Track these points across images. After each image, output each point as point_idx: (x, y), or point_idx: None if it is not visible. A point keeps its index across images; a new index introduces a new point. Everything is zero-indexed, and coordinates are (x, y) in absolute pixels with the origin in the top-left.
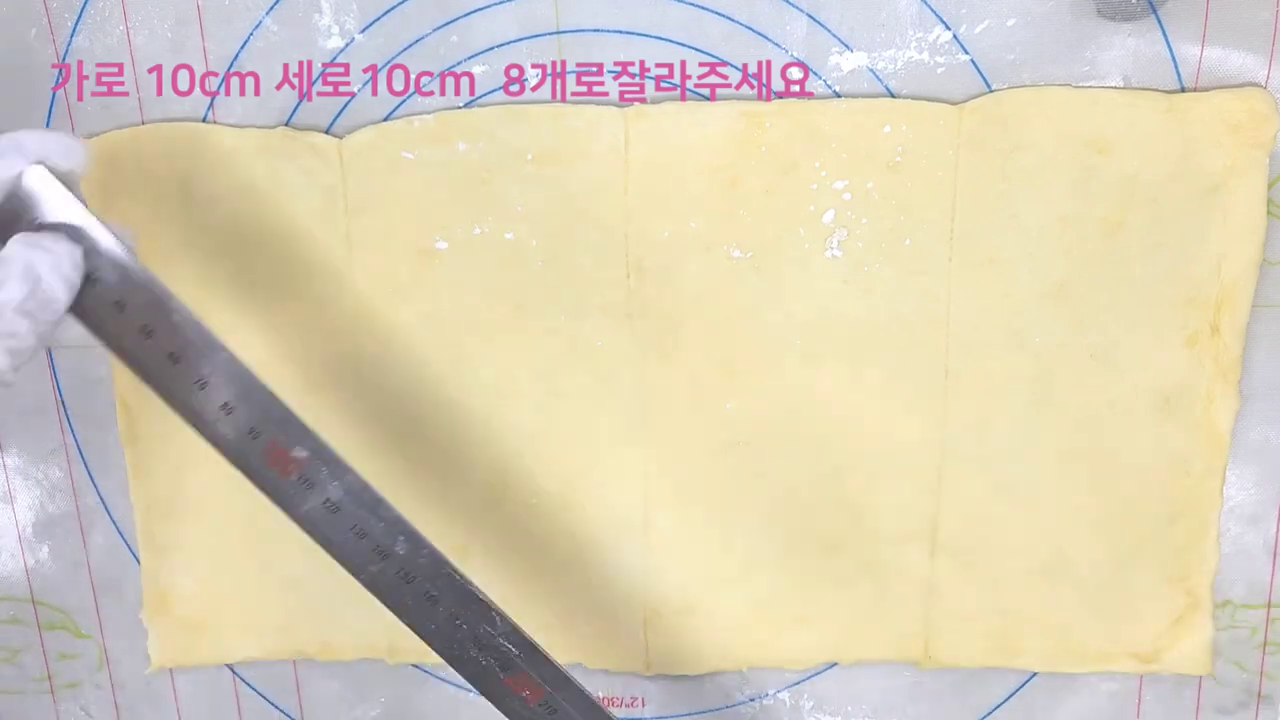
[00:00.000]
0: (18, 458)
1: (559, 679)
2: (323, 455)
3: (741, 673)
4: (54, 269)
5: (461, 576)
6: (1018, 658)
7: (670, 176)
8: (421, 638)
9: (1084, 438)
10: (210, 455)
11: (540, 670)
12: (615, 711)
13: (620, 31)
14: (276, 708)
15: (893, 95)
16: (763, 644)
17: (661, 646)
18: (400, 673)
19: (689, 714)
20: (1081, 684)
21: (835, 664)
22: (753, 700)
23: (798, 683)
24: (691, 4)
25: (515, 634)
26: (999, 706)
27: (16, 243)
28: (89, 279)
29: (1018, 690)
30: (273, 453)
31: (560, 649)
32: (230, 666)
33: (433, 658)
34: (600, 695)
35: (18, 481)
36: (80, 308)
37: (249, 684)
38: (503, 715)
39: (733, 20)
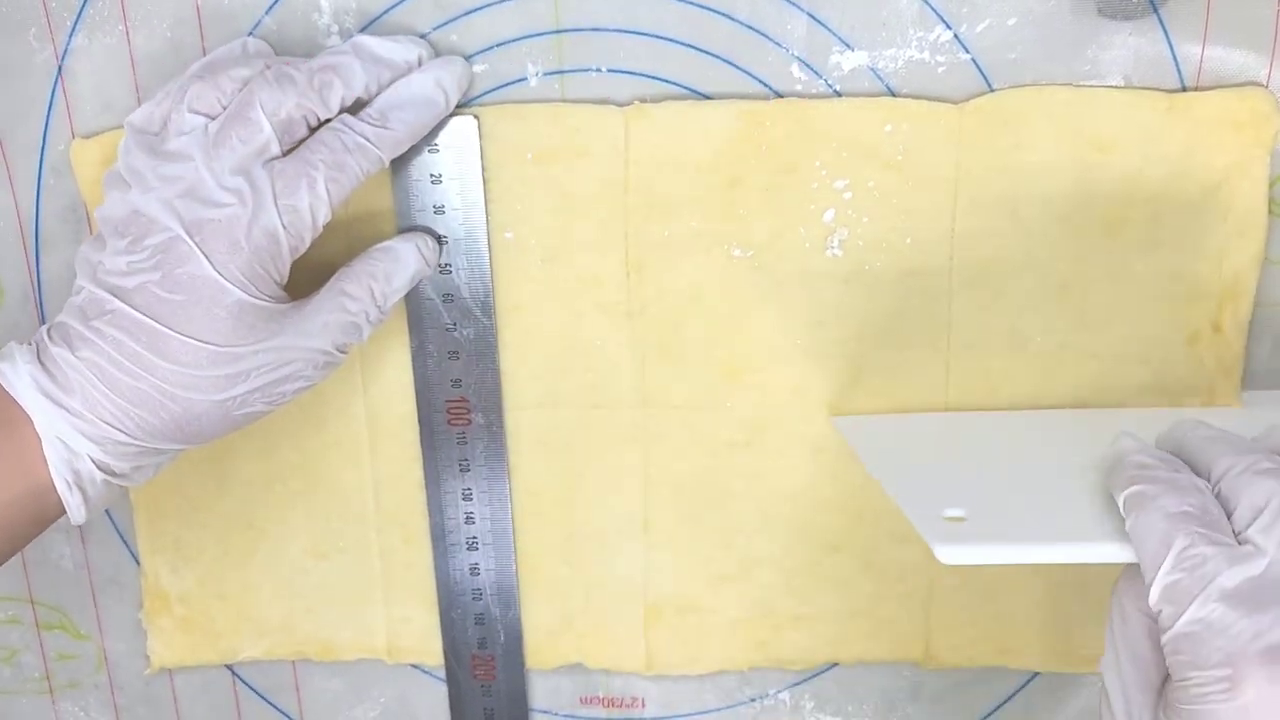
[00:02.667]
0: None
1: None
2: (491, 431)
3: (741, 673)
4: (421, 273)
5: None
6: (1018, 658)
7: (670, 176)
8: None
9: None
10: (209, 455)
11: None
12: (615, 712)
13: (620, 31)
14: (276, 708)
15: (893, 94)
16: (763, 644)
17: (661, 646)
18: (399, 673)
19: (689, 714)
20: (1082, 684)
21: (836, 664)
22: (753, 700)
23: (798, 683)
24: (692, 3)
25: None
26: (1000, 707)
27: (407, 243)
28: None
29: (1018, 690)
30: (458, 404)
31: (560, 649)
32: (230, 667)
33: (432, 658)
34: (600, 695)
35: None
36: None
37: (248, 684)
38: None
39: (733, 19)
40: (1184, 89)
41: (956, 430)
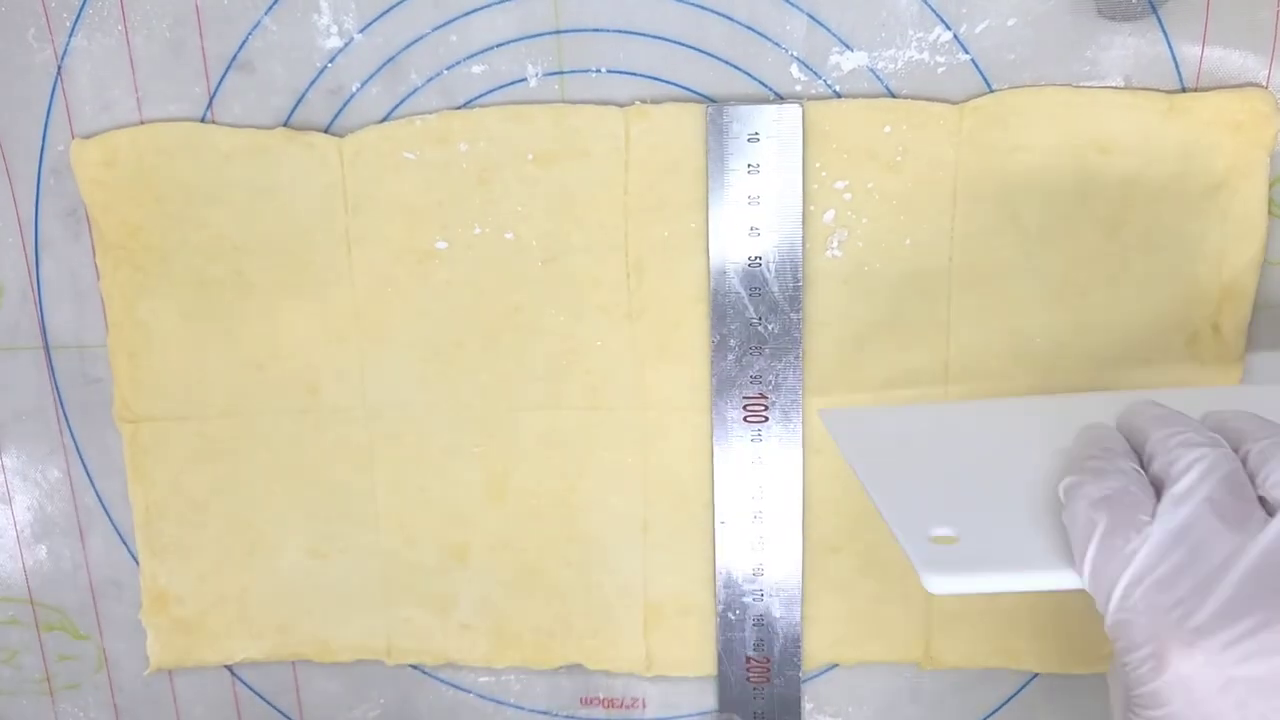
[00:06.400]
0: (16, 458)
1: None
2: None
3: None
4: None
5: None
6: (1018, 659)
7: (670, 177)
8: None
9: None
10: (209, 455)
11: None
12: (615, 712)
13: (620, 31)
14: (275, 708)
15: (893, 95)
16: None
17: (661, 647)
18: (399, 673)
19: (689, 714)
20: (1082, 685)
21: (836, 665)
22: None
23: (798, 683)
24: (691, 4)
25: None
26: (1000, 707)
27: None
28: None
29: (1018, 691)
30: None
31: (560, 649)
32: (229, 667)
33: (431, 658)
34: (600, 696)
35: (16, 482)
36: None
37: (248, 685)
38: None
39: (733, 20)
40: (1183, 90)
41: (952, 422)
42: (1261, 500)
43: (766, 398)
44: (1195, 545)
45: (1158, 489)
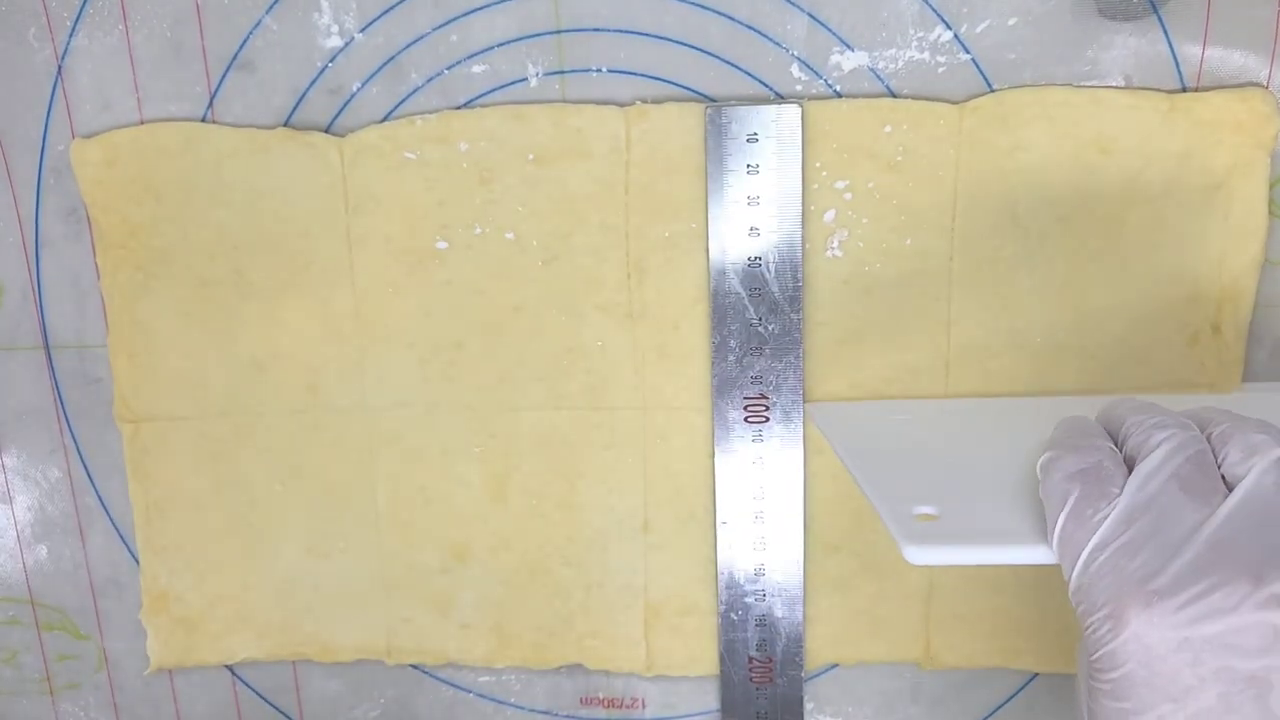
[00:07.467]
0: (17, 458)
1: None
2: (786, 427)
3: None
4: None
5: None
6: (1018, 658)
7: (671, 177)
8: None
9: None
10: (209, 455)
11: None
12: (615, 712)
13: (620, 31)
14: (275, 708)
15: (893, 95)
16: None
17: (661, 647)
18: (399, 673)
19: (689, 714)
20: None
21: (836, 665)
22: None
23: (800, 683)
24: (692, 3)
25: None
26: (1000, 707)
27: None
28: None
29: (1018, 691)
30: (757, 400)
31: (560, 649)
32: (229, 667)
33: (432, 658)
34: (600, 696)
35: (17, 482)
36: None
37: (248, 684)
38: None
39: (733, 19)
40: (1184, 89)
41: (935, 416)
42: (1224, 479)
43: (767, 398)
44: (1160, 515)
45: (1130, 468)
